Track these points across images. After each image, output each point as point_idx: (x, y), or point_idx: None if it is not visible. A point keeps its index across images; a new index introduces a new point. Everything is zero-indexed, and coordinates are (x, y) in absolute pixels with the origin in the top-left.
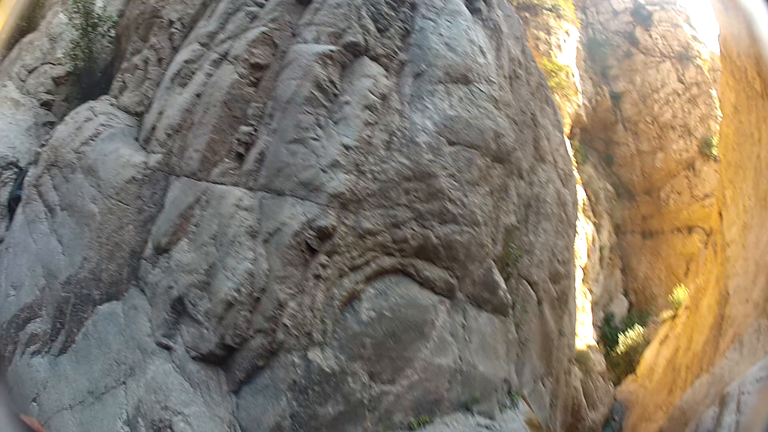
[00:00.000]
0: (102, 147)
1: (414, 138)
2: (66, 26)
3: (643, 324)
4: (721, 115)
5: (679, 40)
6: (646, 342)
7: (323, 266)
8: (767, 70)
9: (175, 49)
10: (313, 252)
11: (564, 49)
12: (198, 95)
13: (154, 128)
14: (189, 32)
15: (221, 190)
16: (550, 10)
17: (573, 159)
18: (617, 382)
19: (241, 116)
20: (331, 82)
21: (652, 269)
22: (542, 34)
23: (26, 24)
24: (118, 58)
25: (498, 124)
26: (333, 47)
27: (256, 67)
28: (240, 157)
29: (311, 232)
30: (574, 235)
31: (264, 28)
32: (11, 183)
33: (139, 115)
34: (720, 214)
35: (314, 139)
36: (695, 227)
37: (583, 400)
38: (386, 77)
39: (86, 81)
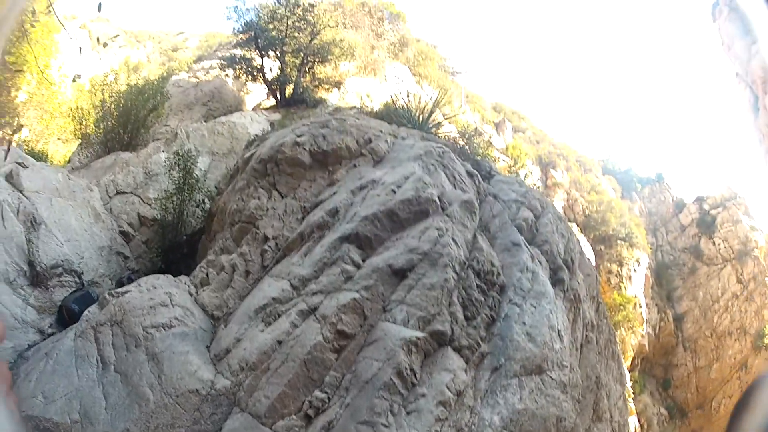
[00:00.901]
0: (172, 343)
1: None
2: (164, 169)
3: None
4: None
5: (739, 237)
6: None
7: None
8: None
9: (265, 268)
10: None
11: (634, 279)
12: (279, 342)
13: (228, 351)
14: (282, 257)
15: None
16: (624, 239)
17: (631, 391)
18: None
19: (318, 380)
20: (412, 370)
21: None
22: (615, 267)
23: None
24: (207, 236)
25: (562, 409)
26: (420, 334)
27: (342, 334)
28: (308, 418)
29: None
30: None
31: (356, 295)
32: (69, 288)
33: (215, 319)
34: None
35: (385, 425)
36: None
37: None
38: (465, 371)
39: (170, 237)
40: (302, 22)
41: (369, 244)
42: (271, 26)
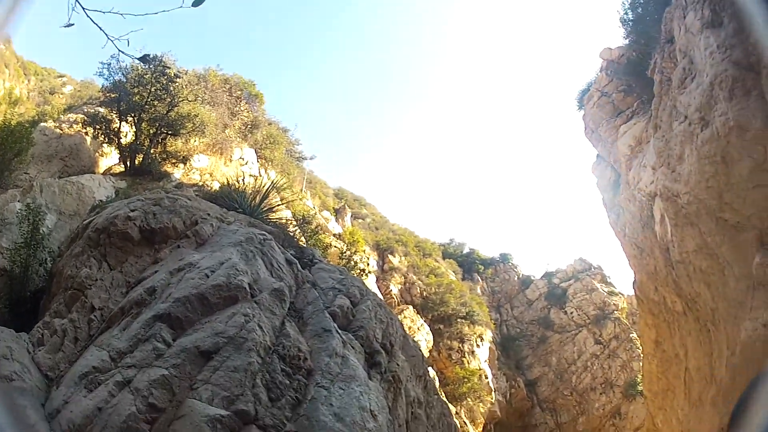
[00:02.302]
0: (11, 398)
1: None
2: (17, 219)
3: None
4: (643, 355)
5: (595, 303)
6: None
7: None
8: (686, 287)
9: (91, 336)
10: None
11: (477, 353)
12: (99, 409)
13: (59, 411)
14: (105, 328)
15: None
16: (465, 317)
17: None
18: None
19: None
20: None
21: None
22: (455, 344)
23: None
24: (48, 297)
25: None
26: (224, 412)
27: (153, 407)
28: None
29: None
30: None
31: (166, 372)
32: None
33: (49, 379)
34: None
35: None
36: None
37: None
38: None
39: (17, 291)
40: (164, 91)
41: (180, 325)
42: (135, 90)
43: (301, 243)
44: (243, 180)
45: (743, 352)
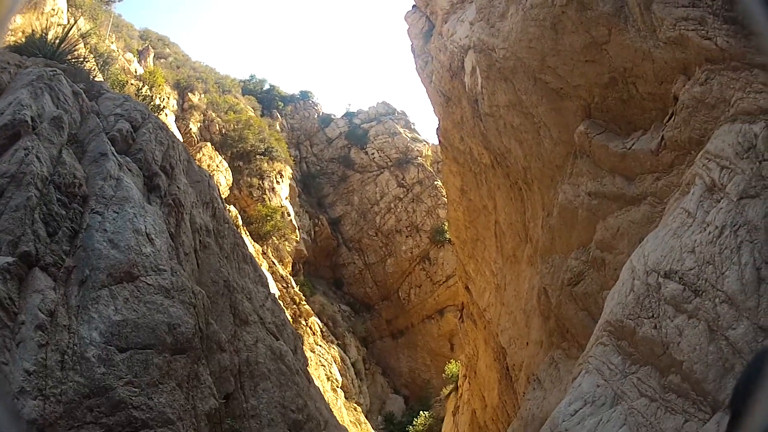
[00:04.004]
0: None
1: (84, 354)
2: None
3: (427, 408)
4: (448, 202)
5: (397, 147)
6: (439, 420)
7: None
8: (495, 141)
9: None
10: None
11: (278, 190)
12: None
13: None
14: None
15: None
16: (263, 154)
17: (300, 294)
18: None
19: None
20: (11, 299)
21: (414, 361)
22: (255, 180)
23: None
24: None
25: (170, 315)
26: (11, 259)
27: None
28: None
29: None
30: (307, 379)
31: None
32: None
33: None
34: (467, 288)
35: (4, 363)
36: (446, 307)
37: None
38: (54, 289)
39: None
40: None
41: None
42: None
43: (95, 80)
44: (52, 30)
45: (561, 215)
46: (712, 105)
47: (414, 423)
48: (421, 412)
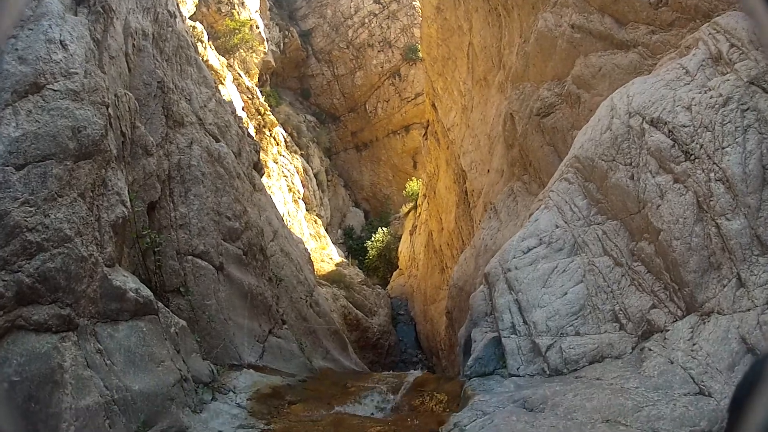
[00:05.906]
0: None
1: None
2: None
3: (386, 225)
4: (422, 17)
5: None
6: (396, 238)
7: None
8: None
9: None
10: None
11: (247, 3)
12: None
13: None
14: None
15: None
16: None
17: (266, 105)
18: (385, 283)
19: None
20: None
21: (376, 175)
22: None
23: None
24: None
25: (76, 118)
26: None
27: None
28: None
29: None
30: (251, 184)
31: None
32: None
33: None
34: (434, 106)
35: None
36: (412, 125)
37: (358, 312)
38: None
39: None
40: None
41: None
42: None
43: None
44: None
45: (539, 41)
46: None
47: (372, 239)
48: (379, 228)
